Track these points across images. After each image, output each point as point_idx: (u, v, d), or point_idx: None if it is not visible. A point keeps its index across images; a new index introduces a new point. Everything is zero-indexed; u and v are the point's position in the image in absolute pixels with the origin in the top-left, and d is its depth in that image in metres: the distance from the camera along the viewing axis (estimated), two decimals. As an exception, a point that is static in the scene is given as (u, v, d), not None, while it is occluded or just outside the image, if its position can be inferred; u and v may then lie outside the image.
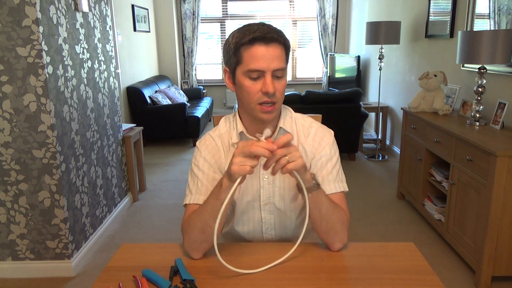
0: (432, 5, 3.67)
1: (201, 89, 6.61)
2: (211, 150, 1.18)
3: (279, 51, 1.04)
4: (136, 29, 5.45)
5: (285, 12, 6.86)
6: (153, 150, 5.07)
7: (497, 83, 2.68)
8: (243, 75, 1.05)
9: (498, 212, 2.04)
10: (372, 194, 3.52)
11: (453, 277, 2.26)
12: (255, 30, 1.02)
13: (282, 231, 1.24)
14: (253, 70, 1.03)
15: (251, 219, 1.22)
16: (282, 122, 1.16)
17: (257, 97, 1.05)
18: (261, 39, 1.02)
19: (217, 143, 1.18)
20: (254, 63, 1.02)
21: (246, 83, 1.05)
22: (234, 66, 1.07)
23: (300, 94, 4.32)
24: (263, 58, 1.02)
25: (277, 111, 1.10)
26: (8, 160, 2.17)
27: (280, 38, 1.04)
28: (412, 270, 1.04)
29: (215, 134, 1.20)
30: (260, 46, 1.02)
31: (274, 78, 1.04)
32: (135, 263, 1.09)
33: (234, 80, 1.09)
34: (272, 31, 1.03)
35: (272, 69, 1.03)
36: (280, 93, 1.06)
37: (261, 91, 1.04)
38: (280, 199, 1.19)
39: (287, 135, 0.94)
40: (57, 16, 2.22)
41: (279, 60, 1.04)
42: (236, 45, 1.04)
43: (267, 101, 1.05)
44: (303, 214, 1.23)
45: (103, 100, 2.87)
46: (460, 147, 2.33)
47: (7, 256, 2.31)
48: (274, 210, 1.20)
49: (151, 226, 3.00)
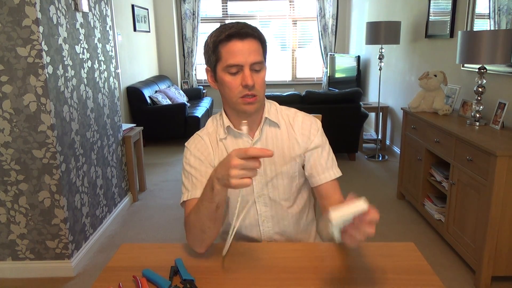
0: (432, 5, 3.67)
1: (201, 89, 6.61)
2: (200, 148, 1.21)
3: (255, 45, 1.09)
4: (136, 29, 5.45)
5: (285, 12, 6.86)
6: (153, 150, 5.07)
7: (497, 83, 2.68)
8: (223, 71, 1.10)
9: (498, 212, 2.04)
10: (372, 194, 3.52)
11: (453, 277, 2.26)
12: (230, 27, 1.07)
13: (279, 222, 1.26)
14: (231, 65, 1.07)
15: (247, 213, 1.24)
16: (267, 113, 1.21)
17: (238, 91, 1.09)
18: (236, 35, 1.06)
19: (205, 141, 1.22)
20: (232, 58, 1.07)
21: (227, 79, 1.09)
22: (214, 64, 1.12)
23: (300, 94, 4.32)
24: (239, 52, 1.06)
25: (259, 102, 1.14)
26: (8, 160, 2.17)
27: (254, 33, 1.09)
28: (412, 270, 1.04)
29: (203, 133, 1.24)
30: (236, 41, 1.07)
31: (253, 71, 1.09)
32: (135, 263, 1.09)
33: (216, 78, 1.14)
34: (246, 27, 1.08)
35: (249, 62, 1.07)
36: (259, 85, 1.11)
37: (241, 85, 1.08)
38: (274, 189, 1.22)
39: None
40: (57, 16, 2.22)
41: (255, 54, 1.08)
42: (214, 43, 1.09)
43: (248, 94, 1.09)
44: (298, 203, 1.27)
45: (103, 100, 2.87)
46: (460, 147, 2.33)
47: (7, 256, 2.31)
48: (268, 201, 1.23)
49: (151, 226, 3.00)
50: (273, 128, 1.22)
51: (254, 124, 1.20)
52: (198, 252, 1.11)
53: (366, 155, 4.64)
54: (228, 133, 1.21)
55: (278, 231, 1.27)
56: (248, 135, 1.20)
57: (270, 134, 1.21)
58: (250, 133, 1.20)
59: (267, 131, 1.21)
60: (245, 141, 1.20)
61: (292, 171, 1.22)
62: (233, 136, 1.21)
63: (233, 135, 1.21)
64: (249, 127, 1.19)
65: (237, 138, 1.21)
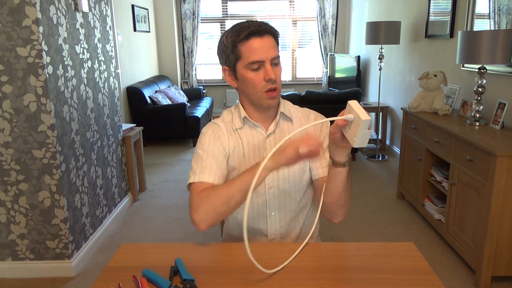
0: (432, 5, 3.67)
1: (201, 89, 6.61)
2: (216, 132, 1.25)
3: (272, 41, 1.15)
4: (136, 29, 5.45)
5: (285, 12, 6.86)
6: (153, 150, 5.07)
7: (497, 83, 2.68)
8: (244, 68, 1.15)
9: (498, 212, 2.04)
10: (372, 194, 3.52)
11: (453, 277, 2.26)
12: (248, 26, 1.12)
13: (286, 215, 1.28)
14: (253, 62, 1.12)
15: (255, 204, 1.26)
16: (283, 108, 1.26)
17: (262, 86, 1.15)
18: (256, 32, 1.12)
19: (221, 127, 1.26)
20: (254, 55, 1.12)
21: (249, 75, 1.14)
22: (234, 63, 1.16)
23: (300, 94, 4.32)
24: (260, 49, 1.12)
25: (279, 96, 1.21)
26: (8, 160, 2.17)
27: (271, 29, 1.15)
28: (412, 270, 1.04)
29: (219, 121, 1.29)
30: (255, 39, 1.12)
31: (272, 65, 1.15)
32: (135, 263, 1.09)
33: (236, 76, 1.18)
34: (263, 25, 1.14)
35: (270, 58, 1.13)
36: (279, 78, 1.18)
37: (264, 80, 1.14)
38: (285, 181, 1.24)
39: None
40: (57, 16, 2.22)
41: (274, 49, 1.15)
42: (233, 43, 1.14)
43: (271, 88, 1.15)
44: (307, 197, 1.29)
45: (103, 100, 2.87)
46: (460, 147, 2.33)
47: (7, 256, 2.31)
48: (277, 193, 1.25)
49: (151, 226, 3.00)
50: (286, 123, 1.27)
51: (269, 118, 1.25)
52: (200, 228, 1.08)
53: (366, 155, 4.64)
54: (244, 123, 1.25)
55: (284, 225, 1.28)
56: (262, 127, 1.24)
57: (283, 127, 1.26)
58: (265, 126, 1.25)
59: (281, 125, 1.26)
60: (259, 133, 1.25)
61: (303, 164, 1.25)
62: (248, 126, 1.25)
63: (248, 125, 1.25)
64: (265, 120, 1.25)
65: (252, 129, 1.25)
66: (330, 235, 2.76)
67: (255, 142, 1.24)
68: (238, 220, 1.30)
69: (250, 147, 1.23)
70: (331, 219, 1.21)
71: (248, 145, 1.23)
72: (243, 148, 1.23)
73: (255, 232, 1.29)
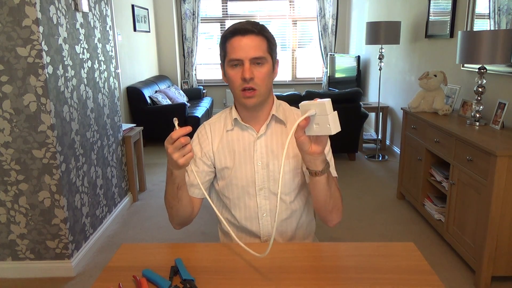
0: (432, 5, 3.67)
1: (201, 89, 6.61)
2: (201, 137, 1.31)
3: (256, 41, 1.15)
4: (136, 29, 5.45)
5: (285, 12, 6.85)
6: (153, 150, 5.07)
7: (497, 83, 2.68)
8: (227, 65, 1.18)
9: (498, 212, 2.04)
10: (372, 194, 3.52)
11: (453, 277, 2.26)
12: (238, 25, 1.16)
13: (278, 217, 1.26)
14: (233, 59, 1.15)
15: (247, 206, 1.27)
16: (275, 110, 1.26)
17: (239, 84, 1.16)
18: (239, 31, 1.14)
19: (206, 131, 1.31)
20: (234, 53, 1.14)
21: (230, 72, 1.18)
22: (223, 59, 1.21)
23: (300, 94, 4.32)
24: (240, 48, 1.14)
25: (259, 97, 1.18)
26: (8, 160, 2.17)
27: (254, 30, 1.15)
28: (412, 270, 1.04)
29: (207, 123, 1.33)
30: (238, 37, 1.14)
31: (254, 66, 1.15)
32: (135, 263, 1.09)
33: (225, 72, 1.22)
34: (249, 24, 1.15)
35: (249, 57, 1.13)
36: (260, 79, 1.16)
37: (240, 78, 1.15)
38: (275, 183, 1.25)
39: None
40: (57, 16, 2.22)
41: (256, 49, 1.14)
42: (222, 39, 1.19)
43: (247, 87, 1.15)
44: (299, 199, 1.30)
45: (103, 100, 2.87)
46: (460, 147, 2.33)
47: (7, 256, 2.31)
48: (269, 195, 1.26)
49: (151, 226, 3.00)
50: (279, 125, 1.27)
51: (261, 119, 1.26)
52: (174, 228, 1.27)
53: (366, 155, 4.64)
54: (235, 125, 1.27)
55: (276, 226, 1.27)
56: (253, 129, 1.25)
57: (275, 130, 1.26)
58: (256, 127, 1.26)
59: (273, 127, 1.26)
60: (250, 134, 1.26)
61: (295, 167, 1.25)
62: (239, 128, 1.27)
63: (239, 127, 1.27)
64: (257, 122, 1.26)
65: (243, 131, 1.27)
66: (330, 235, 2.76)
67: (245, 144, 1.26)
68: (233, 217, 1.30)
69: (240, 148, 1.26)
70: (325, 223, 1.21)
71: (238, 146, 1.26)
72: (234, 149, 1.26)
73: (249, 234, 1.29)
